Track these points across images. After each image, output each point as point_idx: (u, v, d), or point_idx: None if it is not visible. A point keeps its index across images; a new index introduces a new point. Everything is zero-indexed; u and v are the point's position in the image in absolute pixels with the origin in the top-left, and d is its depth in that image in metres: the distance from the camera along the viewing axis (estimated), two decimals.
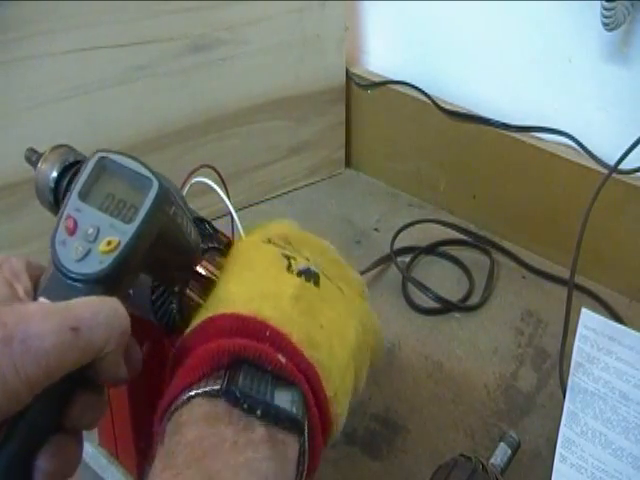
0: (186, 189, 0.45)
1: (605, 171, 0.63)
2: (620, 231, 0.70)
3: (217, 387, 0.32)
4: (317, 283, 0.38)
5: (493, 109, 0.77)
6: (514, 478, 0.53)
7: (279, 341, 0.34)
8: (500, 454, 0.52)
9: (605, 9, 0.60)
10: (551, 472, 0.51)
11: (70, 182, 0.46)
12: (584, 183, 0.67)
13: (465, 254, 0.78)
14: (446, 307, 0.70)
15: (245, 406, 0.31)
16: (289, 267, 0.38)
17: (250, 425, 0.31)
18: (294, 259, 0.39)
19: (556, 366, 0.61)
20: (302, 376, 0.33)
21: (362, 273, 0.73)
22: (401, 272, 0.74)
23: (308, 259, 0.40)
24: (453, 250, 0.78)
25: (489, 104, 0.77)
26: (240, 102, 0.79)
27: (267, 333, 0.34)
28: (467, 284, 0.74)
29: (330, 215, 0.85)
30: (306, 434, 0.33)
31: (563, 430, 0.54)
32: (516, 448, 0.54)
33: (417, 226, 0.79)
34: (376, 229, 0.83)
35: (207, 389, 0.32)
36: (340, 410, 0.36)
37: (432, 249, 0.78)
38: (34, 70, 0.64)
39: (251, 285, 0.37)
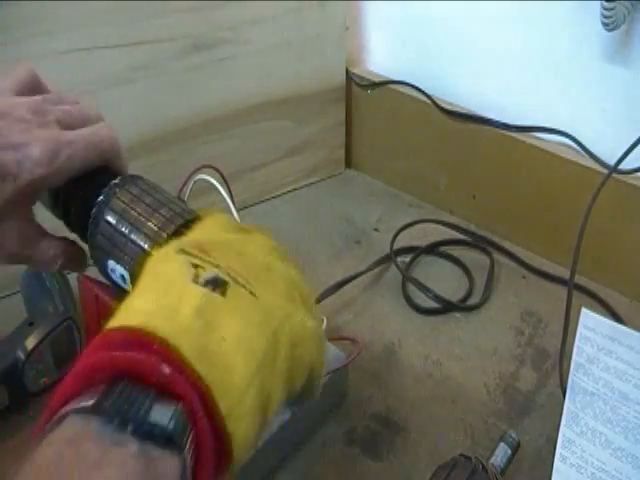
0: (188, 189, 0.45)
1: (605, 171, 0.63)
2: (620, 231, 0.70)
3: (89, 403, 0.29)
4: (224, 292, 0.35)
5: (493, 109, 0.77)
6: (514, 478, 0.53)
7: (165, 353, 0.31)
8: (500, 454, 0.53)
9: (605, 9, 0.60)
10: (551, 472, 0.51)
11: (70, 182, 0.46)
12: (584, 183, 0.67)
13: (465, 254, 0.78)
14: (446, 307, 0.70)
15: (116, 422, 0.29)
16: (196, 277, 0.36)
17: (122, 442, 0.29)
18: (202, 268, 0.36)
19: (556, 366, 0.61)
20: (190, 389, 0.31)
21: (362, 273, 0.73)
22: (401, 272, 0.74)
23: (219, 266, 0.37)
24: (453, 250, 0.78)
25: (489, 104, 0.77)
26: (240, 102, 0.79)
27: (154, 346, 0.31)
28: (467, 284, 0.74)
29: (330, 215, 0.85)
30: (188, 450, 0.30)
31: (563, 430, 0.54)
32: (516, 448, 0.54)
33: (417, 226, 0.79)
34: (376, 229, 0.83)
35: (79, 406, 0.29)
36: (239, 427, 0.33)
37: (432, 249, 0.78)
38: None
39: (151, 298, 0.35)
